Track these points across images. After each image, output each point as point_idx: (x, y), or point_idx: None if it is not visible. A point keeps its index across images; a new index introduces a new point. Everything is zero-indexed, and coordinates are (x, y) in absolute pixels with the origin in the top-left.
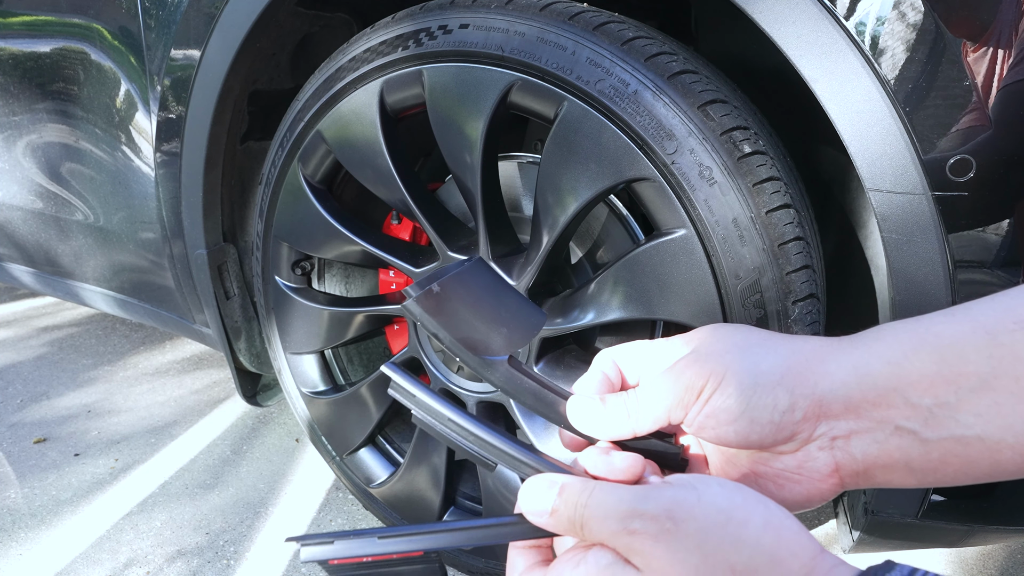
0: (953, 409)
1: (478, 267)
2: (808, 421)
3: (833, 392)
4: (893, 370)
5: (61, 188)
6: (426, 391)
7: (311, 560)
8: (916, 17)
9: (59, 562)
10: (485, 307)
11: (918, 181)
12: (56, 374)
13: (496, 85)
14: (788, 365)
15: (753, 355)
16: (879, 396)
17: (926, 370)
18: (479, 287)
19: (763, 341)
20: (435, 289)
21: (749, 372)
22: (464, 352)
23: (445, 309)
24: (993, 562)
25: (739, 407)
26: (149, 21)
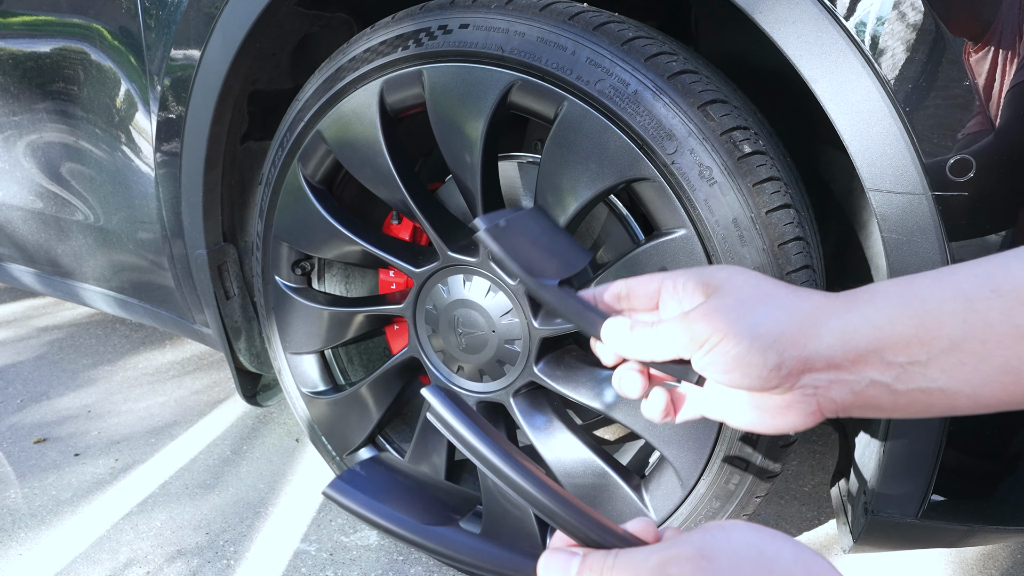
0: (923, 367)
1: (537, 212)
2: (793, 375)
3: (818, 353)
4: (876, 334)
5: (61, 188)
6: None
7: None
8: (916, 17)
9: (59, 562)
10: (541, 243)
11: (918, 181)
12: (56, 374)
13: (496, 85)
14: (782, 329)
15: (754, 315)
16: (859, 356)
17: (905, 334)
18: (536, 227)
19: (767, 298)
20: (501, 223)
21: (747, 333)
22: (524, 274)
23: (509, 240)
24: (994, 562)
25: (733, 362)
26: (149, 21)
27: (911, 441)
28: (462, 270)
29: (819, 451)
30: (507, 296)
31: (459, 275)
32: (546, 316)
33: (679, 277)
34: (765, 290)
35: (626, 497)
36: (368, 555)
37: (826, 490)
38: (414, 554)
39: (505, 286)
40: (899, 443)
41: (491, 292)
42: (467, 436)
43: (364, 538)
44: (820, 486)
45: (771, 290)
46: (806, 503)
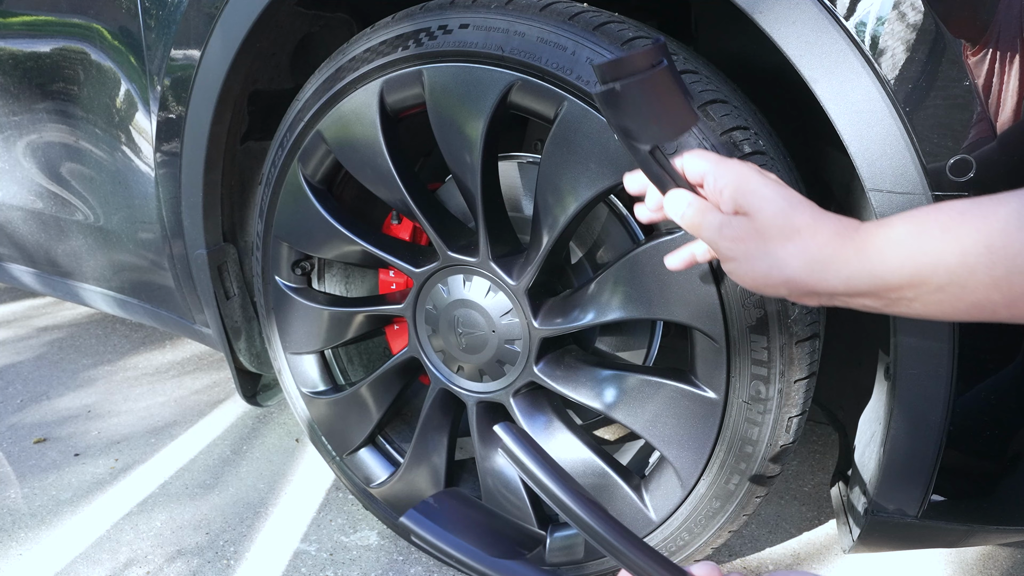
0: (909, 300)
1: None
2: (797, 297)
3: (823, 290)
4: (875, 281)
5: (61, 188)
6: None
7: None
8: (916, 17)
9: (59, 562)
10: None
11: (918, 181)
12: (56, 374)
13: (496, 85)
14: (794, 275)
15: (772, 256)
16: (857, 293)
17: (901, 281)
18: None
19: (787, 239)
20: (617, 88)
21: (762, 271)
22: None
23: (619, 104)
24: (994, 562)
25: (747, 284)
26: (149, 21)
27: (911, 441)
28: (462, 270)
29: (819, 451)
30: (507, 296)
31: (459, 275)
32: (546, 317)
33: (720, 177)
34: (787, 231)
35: (626, 497)
36: (368, 555)
37: (826, 490)
38: (414, 554)
39: (505, 286)
40: (899, 443)
41: (491, 292)
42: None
43: (364, 538)
44: (820, 486)
45: (792, 231)
46: (806, 503)
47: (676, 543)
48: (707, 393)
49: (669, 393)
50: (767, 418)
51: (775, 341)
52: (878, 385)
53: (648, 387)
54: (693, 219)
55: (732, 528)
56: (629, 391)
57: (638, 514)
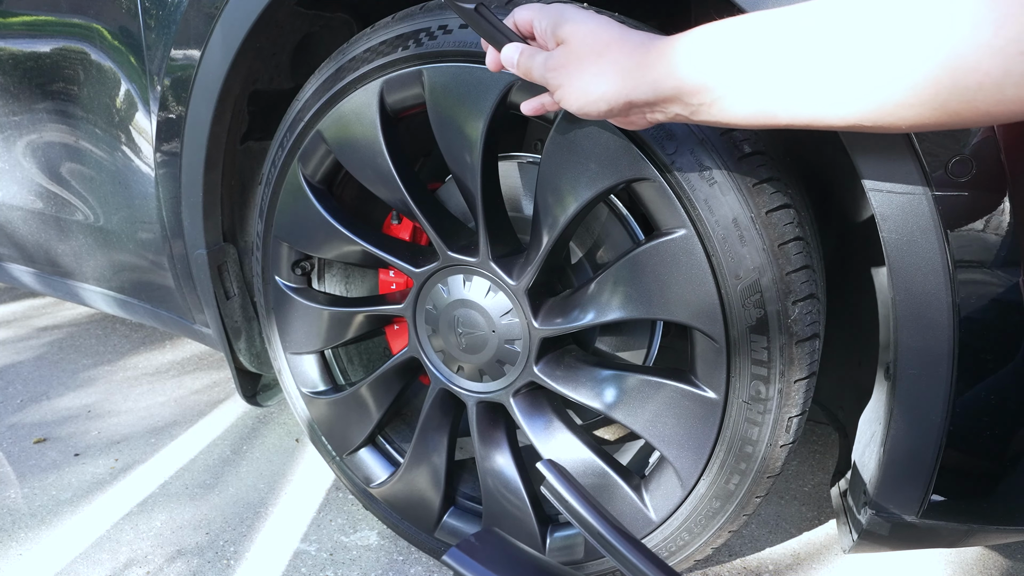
0: (708, 106)
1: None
2: (621, 112)
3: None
4: (676, 84)
5: (61, 188)
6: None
7: None
8: None
9: (59, 562)
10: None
11: (918, 181)
12: (56, 374)
13: (496, 85)
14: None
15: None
16: (666, 99)
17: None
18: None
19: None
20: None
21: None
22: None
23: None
24: (994, 562)
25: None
26: (149, 21)
27: (911, 441)
28: (462, 270)
29: (819, 451)
30: (507, 296)
31: (459, 275)
32: (546, 317)
33: (540, 19)
34: (597, 47)
35: (626, 497)
36: (368, 555)
37: (826, 490)
38: (414, 554)
39: (505, 286)
40: (899, 443)
41: (491, 292)
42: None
43: (364, 538)
44: (820, 486)
45: (602, 47)
46: (806, 503)
47: (676, 543)
48: (707, 393)
49: (669, 393)
50: (767, 418)
51: (775, 341)
52: (878, 385)
53: (648, 387)
54: (524, 63)
55: (732, 528)
56: (629, 391)
57: (638, 514)
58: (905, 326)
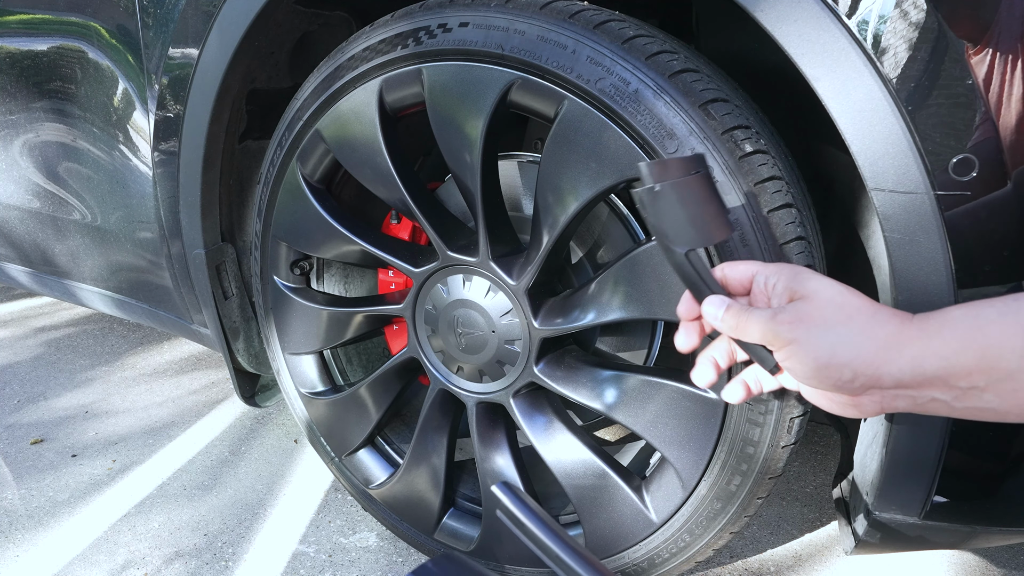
0: (981, 391)
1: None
2: (863, 388)
3: (890, 376)
4: (943, 364)
5: (58, 187)
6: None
7: None
8: (918, 16)
9: (56, 564)
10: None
11: (921, 180)
12: (53, 375)
13: (496, 84)
14: (859, 353)
15: (835, 334)
16: (925, 381)
17: (969, 365)
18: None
19: (848, 320)
20: (657, 188)
21: (826, 350)
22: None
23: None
24: (996, 564)
25: (811, 371)
26: (147, 19)
27: (913, 442)
28: (462, 270)
29: (821, 452)
30: (507, 296)
31: (459, 275)
32: (546, 317)
33: (772, 274)
34: (847, 311)
35: (627, 498)
36: (367, 556)
37: (828, 491)
38: (413, 555)
39: (505, 286)
40: (901, 444)
41: (491, 292)
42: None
43: (363, 539)
44: (822, 487)
45: (852, 311)
46: (808, 504)
47: (677, 544)
48: (708, 394)
49: (670, 394)
50: (768, 419)
51: None
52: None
53: (649, 387)
54: (732, 318)
55: (733, 529)
56: (630, 391)
57: (639, 515)
58: None
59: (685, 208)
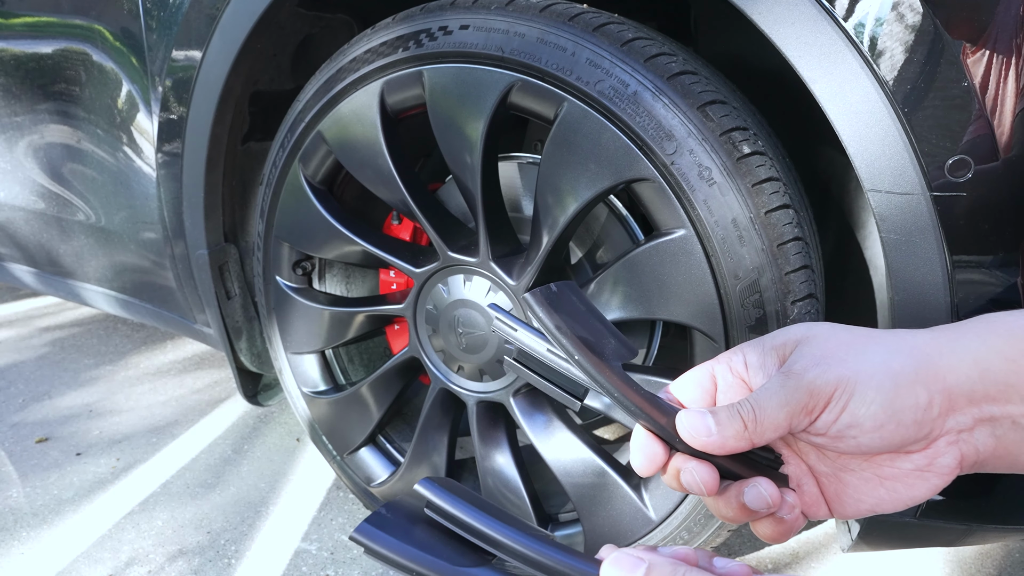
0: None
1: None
2: (941, 416)
3: (959, 386)
4: (1011, 367)
5: (63, 188)
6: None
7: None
8: (915, 18)
9: (61, 561)
10: (590, 320)
11: (917, 181)
12: (58, 374)
13: (496, 86)
14: (917, 361)
15: (876, 354)
16: (999, 391)
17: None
18: (580, 304)
19: (869, 339)
20: (553, 288)
21: (884, 374)
22: (582, 351)
23: (561, 309)
24: (991, 561)
25: (885, 413)
26: (150, 22)
27: None
28: (462, 270)
29: None
30: (507, 296)
31: (459, 275)
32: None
33: (734, 355)
34: (860, 333)
35: (626, 496)
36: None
37: None
38: None
39: (505, 286)
40: None
41: (491, 292)
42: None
43: None
44: None
45: (865, 333)
46: None
47: (676, 541)
48: None
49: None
50: None
51: None
52: None
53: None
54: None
55: (731, 527)
56: None
57: (638, 513)
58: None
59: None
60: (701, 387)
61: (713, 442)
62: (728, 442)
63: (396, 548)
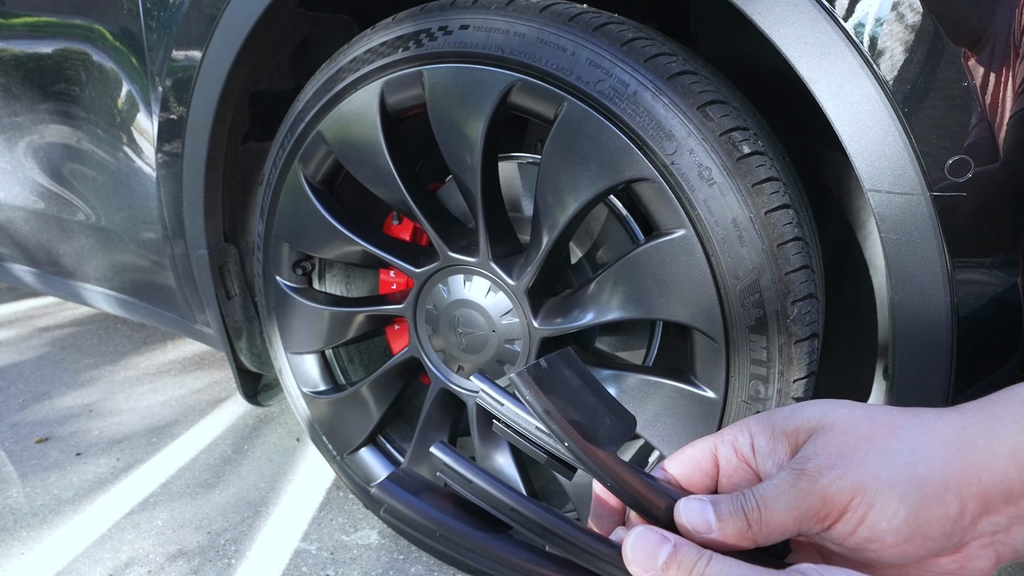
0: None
1: (570, 356)
2: (973, 522)
3: (995, 485)
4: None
5: (63, 188)
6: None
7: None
8: (914, 18)
9: (61, 561)
10: (585, 395)
11: (917, 181)
12: (58, 374)
13: (496, 86)
14: (947, 462)
15: (899, 455)
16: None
17: None
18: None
19: (894, 429)
20: (543, 364)
21: (909, 481)
22: (573, 436)
23: (552, 388)
24: None
25: (910, 527)
26: (151, 22)
27: None
28: (462, 270)
29: None
30: (507, 296)
31: (459, 275)
32: (546, 317)
33: (740, 434)
34: (883, 420)
35: None
36: (369, 554)
37: None
38: (415, 552)
39: (505, 286)
40: None
41: (491, 292)
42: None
43: (365, 537)
44: None
45: (889, 419)
46: None
47: None
48: (706, 393)
49: (668, 393)
50: None
51: (774, 341)
52: (877, 385)
53: (647, 387)
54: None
55: None
56: (629, 391)
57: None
58: (904, 326)
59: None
60: (701, 470)
61: (712, 539)
62: (729, 540)
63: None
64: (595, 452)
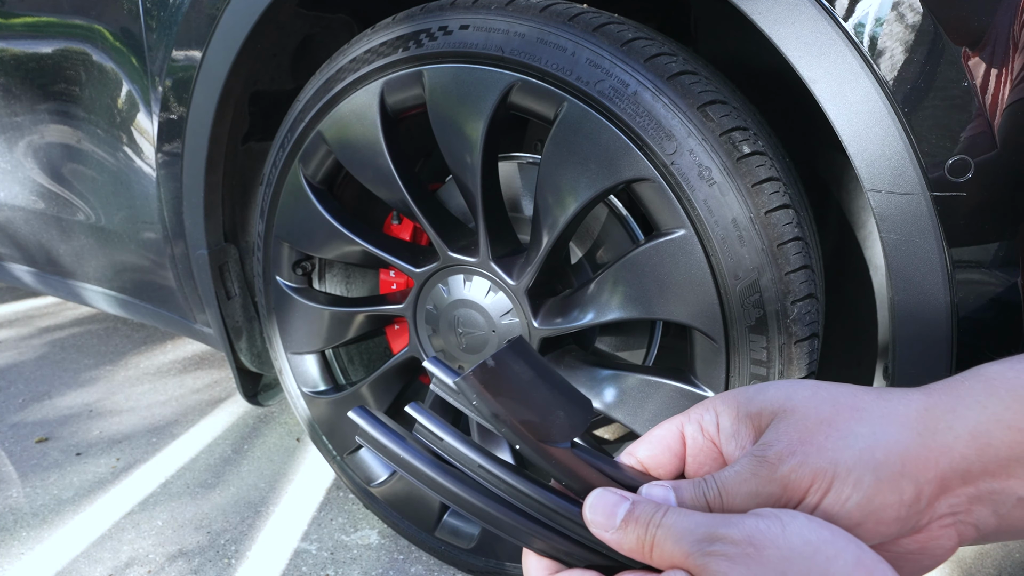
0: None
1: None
2: (930, 504)
3: (953, 468)
4: (1015, 437)
5: (63, 188)
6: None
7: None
8: (914, 18)
9: (60, 561)
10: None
11: (917, 182)
12: (58, 374)
13: (496, 86)
14: (905, 447)
15: (858, 438)
16: (998, 467)
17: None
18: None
19: (856, 411)
20: (489, 363)
21: (865, 465)
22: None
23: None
24: (991, 561)
25: (861, 511)
26: (151, 22)
27: None
28: (462, 270)
29: None
30: (507, 296)
31: (459, 275)
32: (546, 317)
33: (707, 413)
34: (846, 402)
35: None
36: (368, 554)
37: None
38: (415, 552)
39: (505, 286)
40: None
41: (491, 292)
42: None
43: (365, 537)
44: None
45: (852, 400)
46: None
47: None
48: (706, 393)
49: (668, 393)
50: None
51: (774, 341)
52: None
53: (647, 387)
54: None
55: None
56: (628, 391)
57: None
58: (904, 326)
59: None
60: (670, 450)
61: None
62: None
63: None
64: (549, 451)
